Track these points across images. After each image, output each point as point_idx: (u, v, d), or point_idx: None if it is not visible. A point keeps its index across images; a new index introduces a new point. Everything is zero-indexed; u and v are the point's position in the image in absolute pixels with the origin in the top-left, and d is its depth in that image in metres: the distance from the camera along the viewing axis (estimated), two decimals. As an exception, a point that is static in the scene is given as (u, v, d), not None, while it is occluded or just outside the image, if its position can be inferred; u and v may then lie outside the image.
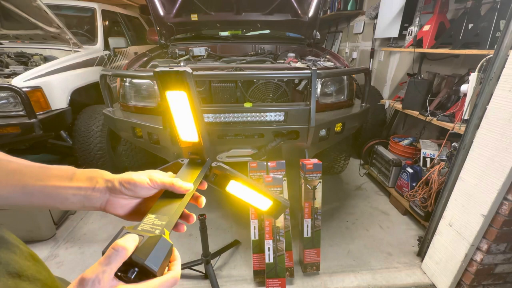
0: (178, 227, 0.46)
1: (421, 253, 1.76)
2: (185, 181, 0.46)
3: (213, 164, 0.54)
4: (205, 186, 0.54)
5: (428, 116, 2.07)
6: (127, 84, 1.78)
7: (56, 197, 0.40)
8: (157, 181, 0.43)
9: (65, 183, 0.40)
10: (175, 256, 0.38)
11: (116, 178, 0.43)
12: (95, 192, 0.42)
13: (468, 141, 1.40)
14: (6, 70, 2.21)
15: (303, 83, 1.81)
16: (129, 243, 0.32)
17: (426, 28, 2.18)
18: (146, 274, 0.33)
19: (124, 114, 1.80)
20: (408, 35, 2.44)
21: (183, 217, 0.48)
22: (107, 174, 0.43)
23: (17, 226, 1.81)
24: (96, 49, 3.05)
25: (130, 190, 0.42)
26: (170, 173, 0.50)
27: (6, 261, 0.26)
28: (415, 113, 2.24)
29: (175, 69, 0.43)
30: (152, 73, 1.52)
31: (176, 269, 0.37)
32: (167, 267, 0.36)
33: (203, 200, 0.50)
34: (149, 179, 0.43)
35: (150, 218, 0.39)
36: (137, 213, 0.47)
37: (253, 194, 0.53)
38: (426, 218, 1.91)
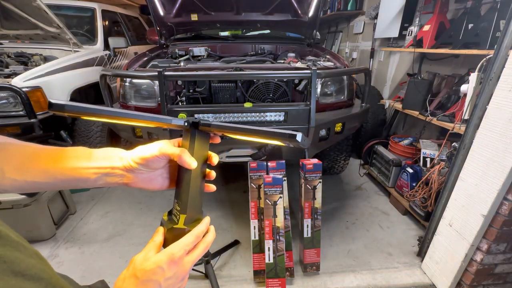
0: (207, 189, 0.50)
1: (421, 253, 1.76)
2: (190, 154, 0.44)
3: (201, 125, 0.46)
4: (218, 139, 0.51)
5: (428, 116, 2.07)
6: (127, 84, 1.78)
7: (77, 177, 0.41)
8: (165, 153, 0.43)
9: (84, 163, 0.41)
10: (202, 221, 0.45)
11: (129, 156, 0.43)
12: (115, 170, 0.43)
13: (468, 141, 1.40)
14: (6, 70, 2.21)
15: (303, 83, 1.81)
16: (157, 238, 0.43)
17: (426, 28, 2.18)
18: None
19: (124, 114, 1.80)
20: (408, 35, 2.44)
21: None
22: (121, 152, 0.44)
23: (17, 226, 1.81)
24: (96, 49, 3.05)
25: (143, 165, 0.43)
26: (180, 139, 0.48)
27: (12, 260, 0.26)
28: (415, 113, 2.24)
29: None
30: (152, 73, 1.52)
31: (193, 231, 0.43)
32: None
33: (213, 173, 0.50)
34: (158, 151, 0.43)
35: (174, 203, 0.46)
36: (171, 180, 0.50)
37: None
38: (426, 218, 1.91)
